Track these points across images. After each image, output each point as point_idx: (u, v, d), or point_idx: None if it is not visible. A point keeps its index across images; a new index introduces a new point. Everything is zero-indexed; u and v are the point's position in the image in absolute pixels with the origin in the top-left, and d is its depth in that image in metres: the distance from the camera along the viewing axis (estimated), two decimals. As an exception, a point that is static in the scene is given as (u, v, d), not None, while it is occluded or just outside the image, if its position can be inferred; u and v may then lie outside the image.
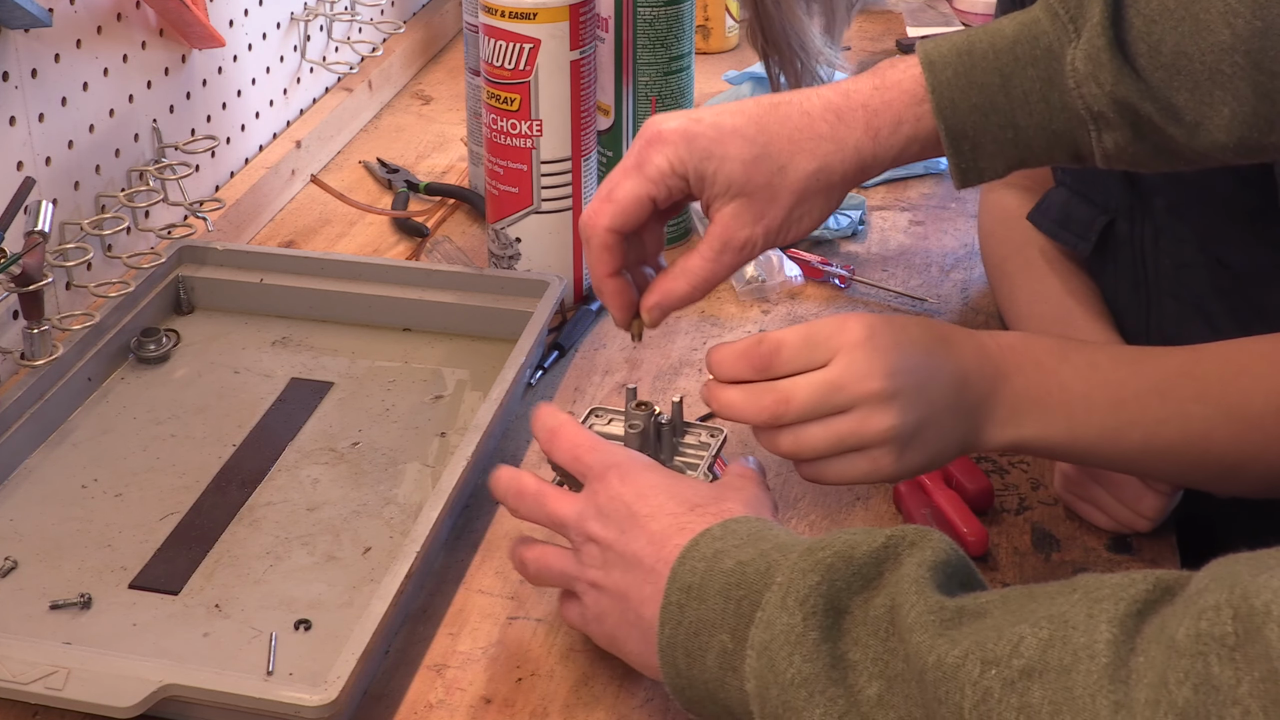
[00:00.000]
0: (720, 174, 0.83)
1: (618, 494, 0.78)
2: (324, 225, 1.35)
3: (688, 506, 0.76)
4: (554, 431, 0.83)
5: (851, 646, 0.65)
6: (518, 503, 0.82)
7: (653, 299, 0.87)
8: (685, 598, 0.71)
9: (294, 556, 0.92)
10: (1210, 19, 0.74)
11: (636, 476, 0.79)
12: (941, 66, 0.81)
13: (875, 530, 0.69)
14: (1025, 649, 0.58)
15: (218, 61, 1.33)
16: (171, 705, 0.77)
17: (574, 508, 0.79)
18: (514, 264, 1.19)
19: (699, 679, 0.71)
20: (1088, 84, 0.77)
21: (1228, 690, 0.50)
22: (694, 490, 0.78)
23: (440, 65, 1.73)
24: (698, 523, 0.75)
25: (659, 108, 1.25)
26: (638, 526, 0.76)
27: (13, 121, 1.06)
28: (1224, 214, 0.95)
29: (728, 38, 1.75)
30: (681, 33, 1.25)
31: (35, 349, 1.02)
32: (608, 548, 0.77)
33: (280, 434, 1.04)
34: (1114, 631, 0.56)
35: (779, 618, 0.66)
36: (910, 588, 0.64)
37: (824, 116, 0.83)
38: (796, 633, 0.65)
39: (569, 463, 0.82)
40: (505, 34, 1.12)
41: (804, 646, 0.65)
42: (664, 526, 0.75)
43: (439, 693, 0.83)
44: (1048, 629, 0.58)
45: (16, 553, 0.92)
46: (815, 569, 0.67)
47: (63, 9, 1.10)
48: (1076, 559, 0.93)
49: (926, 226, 1.33)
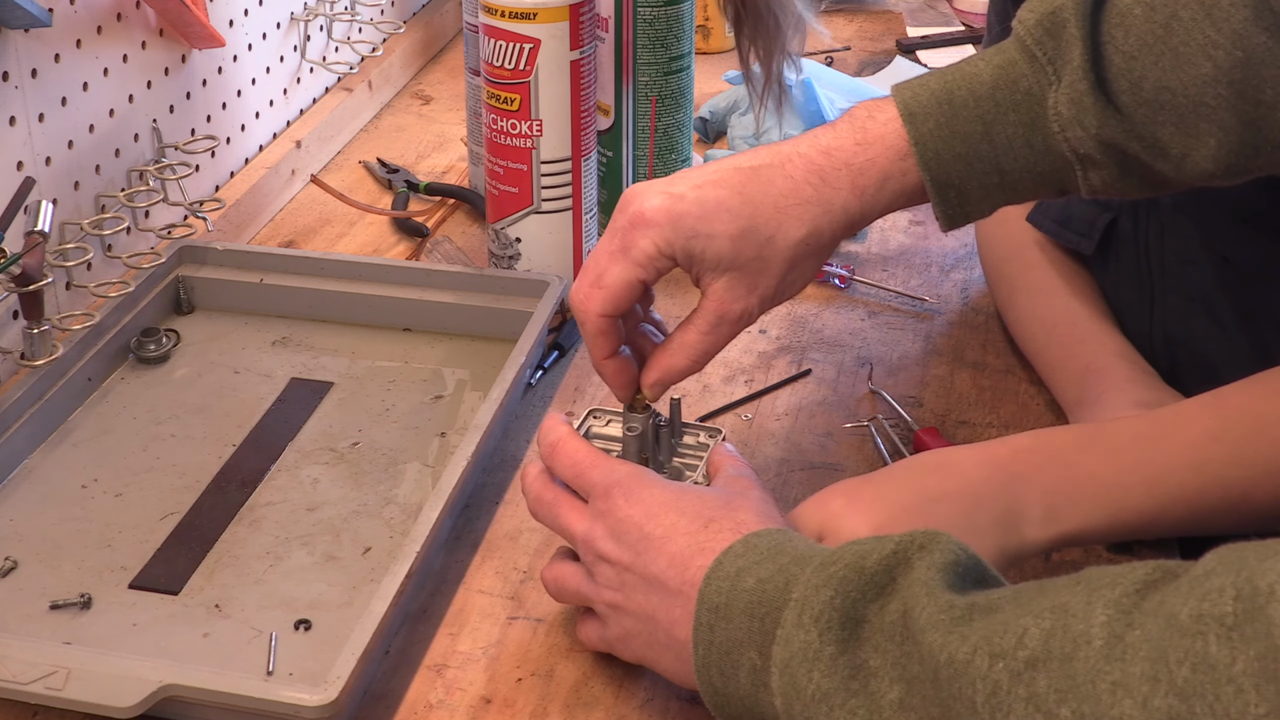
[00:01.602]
0: (709, 252, 0.82)
1: (626, 515, 0.77)
2: (324, 225, 1.35)
3: (701, 523, 0.76)
4: (554, 446, 0.83)
5: (871, 653, 0.65)
6: (535, 507, 0.84)
7: (653, 376, 0.87)
8: (714, 618, 0.71)
9: (294, 556, 0.92)
10: (1190, 52, 0.74)
11: (642, 494, 0.78)
12: (922, 118, 0.80)
13: (885, 537, 0.68)
14: (1029, 640, 0.58)
15: (218, 61, 1.33)
16: (171, 705, 0.77)
17: (583, 524, 0.80)
18: (514, 264, 1.19)
19: (735, 695, 0.71)
20: (1072, 128, 0.77)
21: (1223, 669, 0.51)
22: (702, 503, 0.78)
23: (440, 65, 1.73)
24: (716, 540, 0.74)
25: (659, 108, 1.25)
26: (654, 548, 0.76)
27: (13, 121, 1.06)
28: (1229, 211, 0.95)
29: (728, 38, 1.75)
30: (681, 33, 1.25)
31: (35, 349, 1.02)
32: (625, 569, 0.77)
33: (280, 434, 1.04)
34: (1109, 613, 0.57)
35: (796, 635, 0.67)
36: (920, 590, 0.64)
37: (807, 180, 0.82)
38: (813, 649, 0.66)
39: (571, 479, 0.82)
40: (505, 34, 1.12)
41: (821, 662, 0.65)
42: (682, 547, 0.75)
43: (439, 693, 0.83)
44: (1049, 619, 0.58)
45: (16, 553, 0.92)
46: (828, 584, 0.67)
47: (63, 9, 1.10)
48: (1076, 559, 0.93)
49: (926, 226, 1.33)
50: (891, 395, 1.08)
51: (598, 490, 0.80)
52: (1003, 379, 1.10)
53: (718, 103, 1.52)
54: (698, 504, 0.77)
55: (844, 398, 1.09)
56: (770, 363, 1.13)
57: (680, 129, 1.27)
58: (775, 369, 1.12)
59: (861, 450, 1.03)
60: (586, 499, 0.81)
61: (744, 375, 1.12)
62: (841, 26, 1.83)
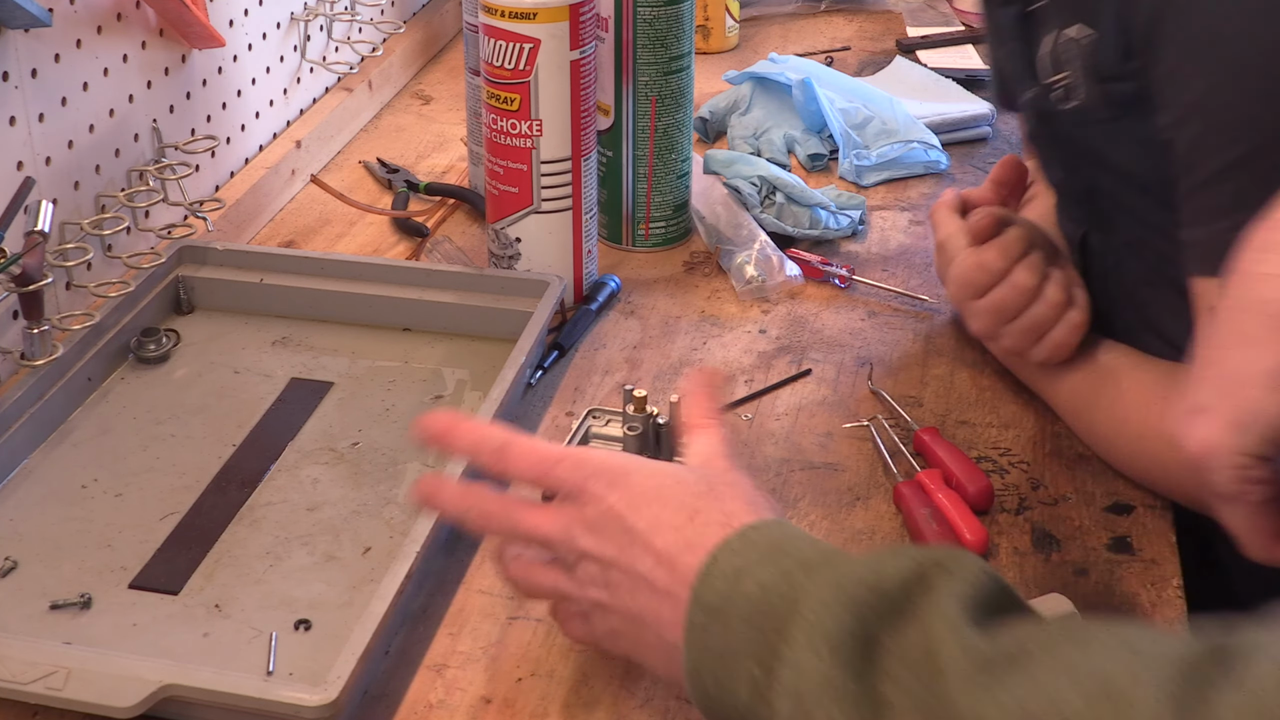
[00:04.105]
0: None
1: (608, 506, 0.73)
2: (324, 225, 1.35)
3: (687, 515, 0.72)
4: (505, 447, 0.77)
5: (890, 686, 0.61)
6: (485, 521, 0.77)
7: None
8: (709, 620, 0.68)
9: (294, 556, 0.92)
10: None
11: (621, 483, 0.74)
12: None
13: (903, 551, 0.66)
14: (1069, 710, 0.56)
15: (218, 61, 1.33)
16: (171, 705, 0.77)
17: (558, 523, 0.75)
18: (514, 264, 1.19)
19: (729, 704, 0.68)
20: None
21: None
22: (684, 489, 0.74)
23: (440, 65, 1.73)
24: (704, 535, 0.71)
25: (659, 108, 1.25)
26: (638, 543, 0.72)
27: (13, 121, 1.06)
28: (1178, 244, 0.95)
29: (728, 38, 1.75)
30: (681, 33, 1.25)
31: (35, 349, 1.02)
32: (609, 565, 0.73)
33: (280, 434, 1.04)
34: (1159, 696, 0.54)
35: (809, 661, 0.63)
36: (943, 626, 0.61)
37: None
38: (829, 680, 0.62)
39: (535, 479, 0.76)
40: (505, 34, 1.12)
41: (838, 694, 0.62)
42: (669, 543, 0.71)
43: (439, 693, 0.83)
44: (1092, 689, 0.56)
45: (16, 553, 0.92)
46: (843, 605, 0.64)
47: (63, 9, 1.10)
48: (1076, 559, 0.93)
49: (926, 226, 1.33)
50: (891, 395, 1.08)
51: (570, 483, 0.75)
52: (1003, 379, 1.10)
53: (718, 103, 1.52)
54: (680, 492, 0.74)
55: (844, 398, 1.09)
56: (770, 363, 1.13)
57: (680, 129, 1.27)
58: (775, 369, 1.12)
59: (861, 450, 1.03)
60: (554, 495, 0.76)
61: (744, 375, 1.12)
62: (841, 26, 1.83)
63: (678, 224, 1.30)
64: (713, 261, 1.28)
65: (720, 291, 1.23)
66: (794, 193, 1.30)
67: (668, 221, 1.30)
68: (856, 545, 0.94)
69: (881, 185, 1.42)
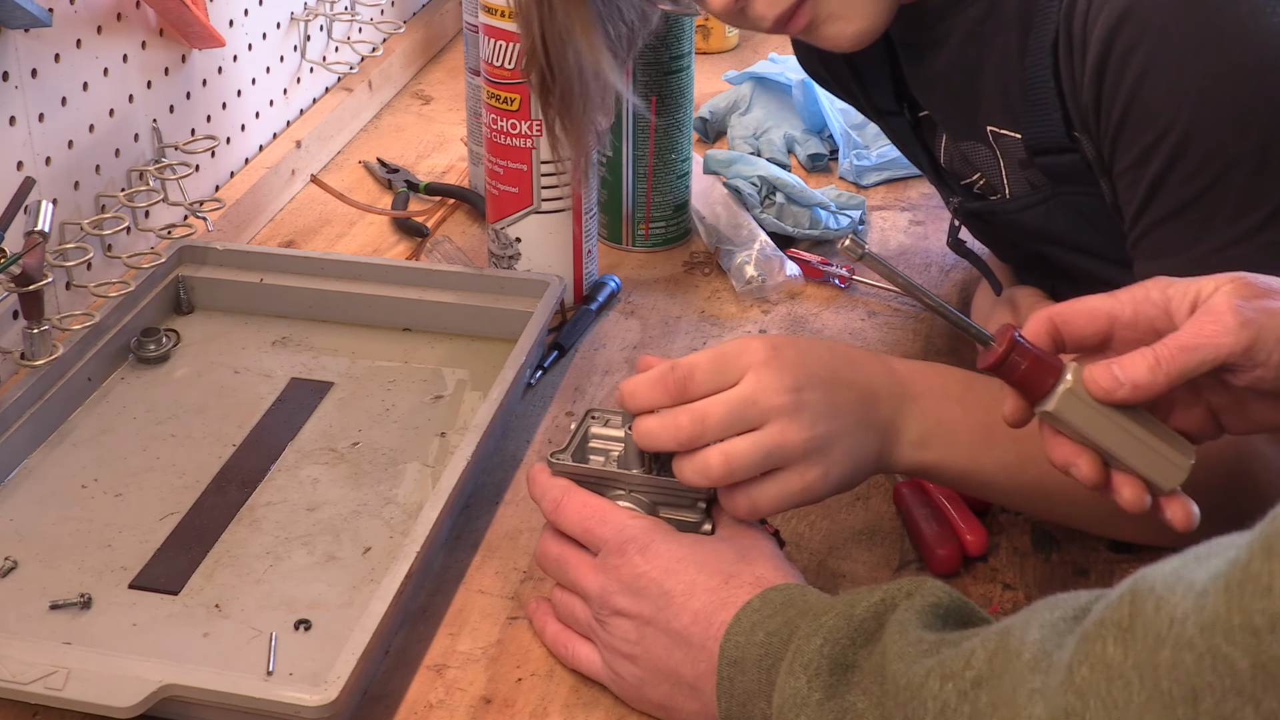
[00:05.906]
0: None
1: (644, 571, 0.79)
2: (324, 225, 1.35)
3: (722, 579, 0.78)
4: (558, 503, 0.83)
5: (859, 696, 0.68)
6: (543, 561, 0.85)
7: None
8: (732, 671, 0.74)
9: (294, 556, 0.92)
10: None
11: (657, 549, 0.79)
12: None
13: (875, 587, 0.71)
14: (975, 660, 0.62)
15: (218, 61, 1.33)
16: (171, 705, 0.77)
17: (596, 581, 0.80)
18: (514, 264, 1.19)
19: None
20: None
21: (1116, 666, 0.53)
22: (719, 557, 0.79)
23: (440, 65, 1.73)
24: (737, 594, 0.77)
25: (659, 107, 1.25)
26: (675, 605, 0.77)
27: (13, 121, 1.06)
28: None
29: (728, 38, 1.75)
30: (681, 33, 1.25)
31: (35, 349, 1.02)
32: (645, 624, 0.78)
33: (280, 434, 1.04)
34: (1042, 632, 0.59)
35: (788, 683, 0.70)
36: (895, 630, 0.67)
37: None
38: (801, 695, 0.69)
39: (580, 535, 0.82)
40: (505, 34, 1.12)
41: (808, 708, 0.69)
42: (705, 604, 0.77)
43: (439, 693, 0.83)
44: (994, 640, 0.62)
45: (16, 553, 0.92)
46: (818, 632, 0.70)
47: (63, 9, 1.10)
48: (1076, 559, 0.93)
49: (926, 226, 1.33)
50: (891, 395, 1.08)
51: (611, 546, 0.80)
52: (1003, 379, 1.10)
53: (718, 103, 1.52)
54: (714, 559, 0.79)
55: (844, 398, 1.09)
56: (770, 363, 1.13)
57: (680, 129, 1.28)
58: (775, 369, 1.12)
59: (861, 450, 1.03)
60: (596, 553, 0.81)
61: (744, 375, 1.11)
62: (841, 26, 1.83)
63: (677, 224, 1.30)
64: (713, 261, 1.28)
65: (720, 291, 1.23)
66: (794, 193, 1.30)
67: (668, 221, 1.30)
68: (856, 545, 0.94)
69: (881, 185, 1.42)
